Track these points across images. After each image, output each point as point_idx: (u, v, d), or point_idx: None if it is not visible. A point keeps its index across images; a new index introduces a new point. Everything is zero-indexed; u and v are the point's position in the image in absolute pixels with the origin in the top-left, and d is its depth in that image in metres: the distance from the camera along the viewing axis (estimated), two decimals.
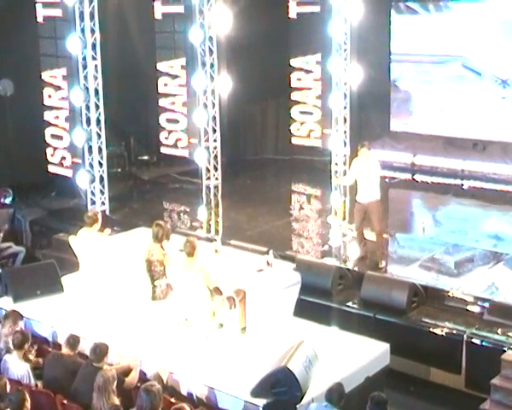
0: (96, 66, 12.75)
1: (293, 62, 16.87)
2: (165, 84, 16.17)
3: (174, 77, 16.09)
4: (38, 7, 14.52)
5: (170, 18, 15.93)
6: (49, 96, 14.71)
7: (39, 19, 14.57)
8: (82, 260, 9.51)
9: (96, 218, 9.55)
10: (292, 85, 16.96)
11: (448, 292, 9.78)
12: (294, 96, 16.99)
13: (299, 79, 16.92)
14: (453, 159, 15.43)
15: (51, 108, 14.71)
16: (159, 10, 16.06)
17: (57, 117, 14.65)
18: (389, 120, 16.49)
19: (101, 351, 7.16)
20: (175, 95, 16.10)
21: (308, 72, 16.78)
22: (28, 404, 6.45)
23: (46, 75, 14.69)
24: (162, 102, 16.23)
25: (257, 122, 17.20)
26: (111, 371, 6.92)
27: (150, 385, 6.61)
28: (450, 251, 11.07)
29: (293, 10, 16.73)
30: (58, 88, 14.57)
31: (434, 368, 9.06)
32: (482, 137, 15.32)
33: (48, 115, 14.78)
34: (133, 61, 15.71)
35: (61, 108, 14.49)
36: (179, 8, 15.55)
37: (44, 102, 14.77)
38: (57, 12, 13.98)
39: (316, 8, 15.93)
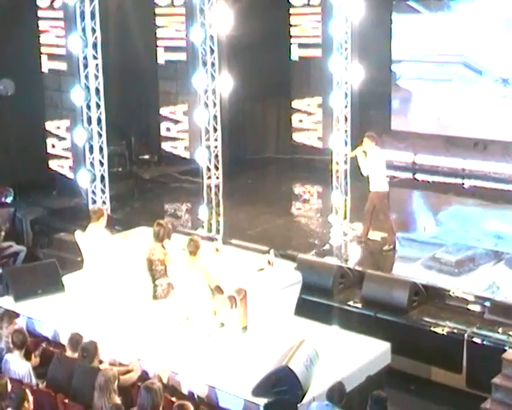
0: (96, 65, 12.75)
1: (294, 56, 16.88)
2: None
3: (175, 76, 16.12)
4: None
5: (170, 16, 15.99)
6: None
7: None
8: (87, 256, 9.44)
9: (102, 212, 9.52)
10: (292, 85, 16.99)
11: (449, 291, 9.79)
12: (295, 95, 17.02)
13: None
14: (454, 158, 15.44)
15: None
16: (160, 9, 16.15)
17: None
18: (390, 119, 16.49)
19: (88, 352, 7.17)
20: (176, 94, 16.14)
21: (310, 74, 16.75)
22: (29, 403, 6.46)
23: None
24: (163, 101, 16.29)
25: (258, 121, 17.20)
26: (112, 370, 6.94)
27: (151, 383, 6.62)
28: (451, 250, 11.07)
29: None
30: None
31: (435, 367, 9.06)
32: (483, 136, 15.33)
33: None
34: (134, 60, 15.72)
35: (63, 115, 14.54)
36: (180, 10, 15.62)
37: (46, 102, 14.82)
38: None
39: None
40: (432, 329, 9.21)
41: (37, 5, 14.70)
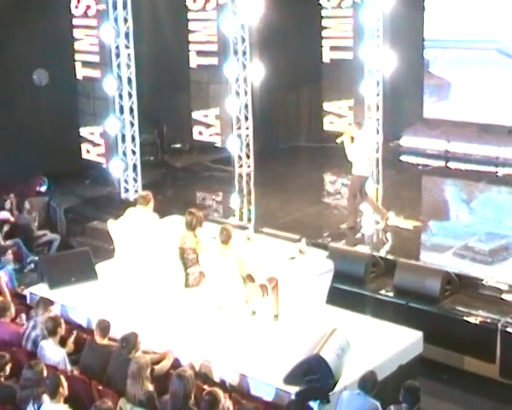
0: (128, 54, 12.83)
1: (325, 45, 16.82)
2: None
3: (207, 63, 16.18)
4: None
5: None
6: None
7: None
8: (125, 240, 9.39)
9: (150, 197, 9.51)
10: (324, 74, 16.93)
11: (482, 280, 9.70)
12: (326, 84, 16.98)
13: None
14: (488, 146, 15.24)
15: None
16: None
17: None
18: (422, 106, 16.34)
19: (129, 343, 7.22)
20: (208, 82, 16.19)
21: (343, 60, 16.69)
22: (64, 389, 6.56)
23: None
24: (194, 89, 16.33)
25: (289, 110, 17.15)
26: (144, 357, 6.99)
27: (182, 371, 6.66)
28: (484, 239, 10.95)
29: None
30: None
31: (468, 357, 8.99)
32: None
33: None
34: (166, 49, 15.77)
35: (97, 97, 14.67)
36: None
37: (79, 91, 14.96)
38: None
39: None
40: (465, 318, 9.14)
41: None
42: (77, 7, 14.82)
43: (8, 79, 14.23)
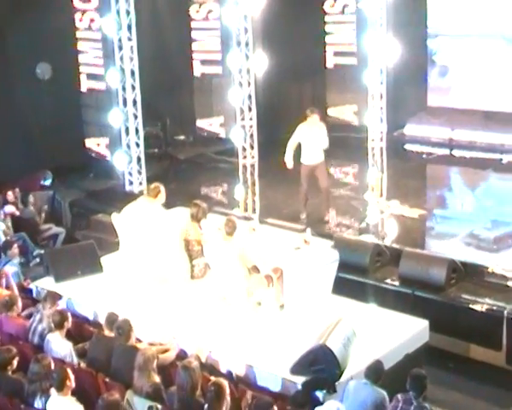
0: (131, 47, 12.82)
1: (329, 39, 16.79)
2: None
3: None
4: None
5: None
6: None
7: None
8: (131, 232, 9.41)
9: (159, 189, 9.50)
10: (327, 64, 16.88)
11: (487, 268, 9.69)
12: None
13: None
14: (492, 133, 15.17)
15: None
16: None
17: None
18: (426, 95, 16.28)
19: (124, 330, 7.24)
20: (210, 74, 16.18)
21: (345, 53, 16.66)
22: (71, 382, 6.57)
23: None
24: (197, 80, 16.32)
25: (292, 100, 17.08)
26: (151, 349, 7.01)
27: (188, 362, 6.67)
28: (490, 227, 10.95)
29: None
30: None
31: (474, 345, 8.99)
32: None
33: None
34: (168, 41, 15.74)
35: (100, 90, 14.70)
36: None
37: (81, 85, 14.94)
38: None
39: None
40: (470, 306, 9.13)
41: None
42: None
43: (12, 73, 14.24)
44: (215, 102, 16.25)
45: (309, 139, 11.44)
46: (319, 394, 6.88)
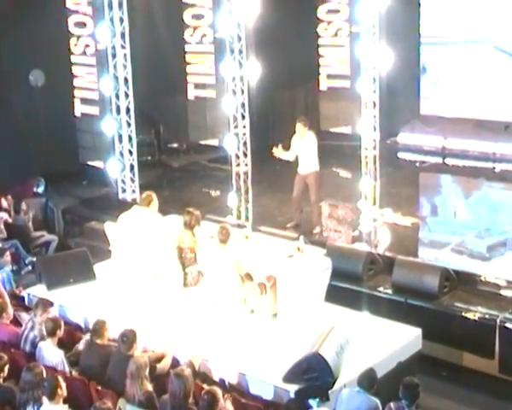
0: (125, 55, 12.80)
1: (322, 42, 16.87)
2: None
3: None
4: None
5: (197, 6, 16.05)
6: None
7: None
8: (125, 241, 9.38)
9: (152, 198, 9.49)
10: (321, 69, 16.95)
11: (480, 276, 9.71)
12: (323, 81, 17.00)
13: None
14: (484, 142, 15.22)
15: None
16: None
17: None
18: (419, 103, 16.33)
19: (128, 339, 7.21)
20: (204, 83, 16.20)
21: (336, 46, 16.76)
22: (62, 390, 6.54)
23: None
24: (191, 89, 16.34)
25: (286, 108, 17.11)
26: (143, 357, 6.98)
27: (181, 370, 6.66)
28: (482, 235, 10.96)
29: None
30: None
31: (467, 353, 9.00)
32: None
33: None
34: (161, 48, 15.75)
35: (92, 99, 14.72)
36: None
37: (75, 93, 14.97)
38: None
39: None
40: (463, 314, 9.14)
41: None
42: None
43: (5, 80, 14.22)
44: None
45: (299, 149, 11.60)
46: (312, 402, 6.87)
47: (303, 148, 11.56)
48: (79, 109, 15.35)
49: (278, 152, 11.82)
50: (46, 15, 14.12)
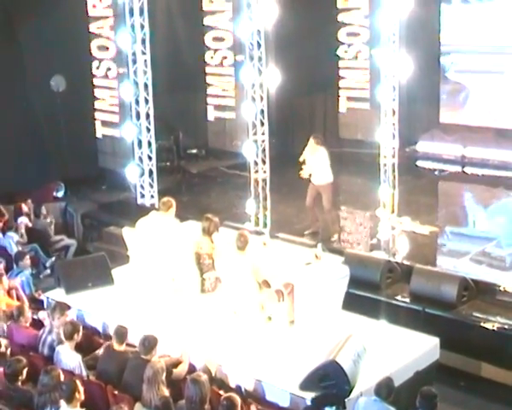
0: (145, 61, 12.88)
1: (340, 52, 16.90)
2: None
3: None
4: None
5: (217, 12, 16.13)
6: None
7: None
8: (144, 246, 9.42)
9: (171, 203, 9.54)
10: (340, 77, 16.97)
11: (499, 286, 9.64)
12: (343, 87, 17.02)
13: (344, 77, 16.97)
14: (504, 150, 15.15)
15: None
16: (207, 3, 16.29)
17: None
18: (439, 111, 16.28)
19: (149, 343, 7.25)
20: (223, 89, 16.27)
21: (356, 68, 16.74)
22: (80, 394, 6.58)
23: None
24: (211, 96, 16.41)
25: (305, 115, 17.14)
26: (160, 362, 6.99)
27: (197, 375, 6.67)
28: (502, 244, 10.89)
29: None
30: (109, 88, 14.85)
31: (485, 363, 8.93)
32: None
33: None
34: (181, 54, 15.83)
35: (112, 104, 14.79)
36: (227, 6, 15.76)
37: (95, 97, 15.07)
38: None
39: None
40: (482, 324, 9.08)
41: None
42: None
43: (26, 86, 14.33)
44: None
45: (311, 163, 11.74)
46: None
47: (314, 162, 11.71)
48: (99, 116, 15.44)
49: (304, 174, 11.85)
50: (68, 20, 14.23)
